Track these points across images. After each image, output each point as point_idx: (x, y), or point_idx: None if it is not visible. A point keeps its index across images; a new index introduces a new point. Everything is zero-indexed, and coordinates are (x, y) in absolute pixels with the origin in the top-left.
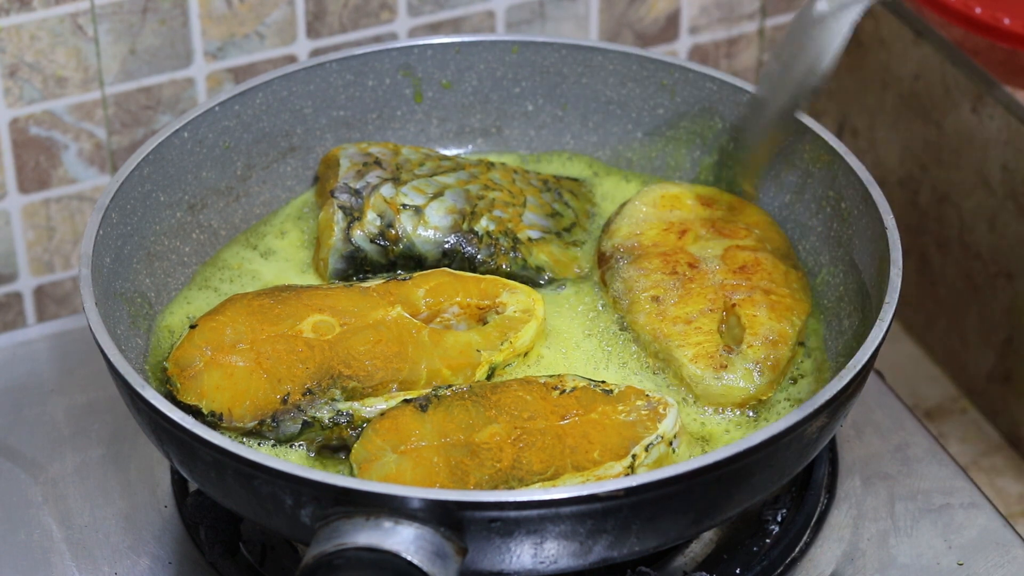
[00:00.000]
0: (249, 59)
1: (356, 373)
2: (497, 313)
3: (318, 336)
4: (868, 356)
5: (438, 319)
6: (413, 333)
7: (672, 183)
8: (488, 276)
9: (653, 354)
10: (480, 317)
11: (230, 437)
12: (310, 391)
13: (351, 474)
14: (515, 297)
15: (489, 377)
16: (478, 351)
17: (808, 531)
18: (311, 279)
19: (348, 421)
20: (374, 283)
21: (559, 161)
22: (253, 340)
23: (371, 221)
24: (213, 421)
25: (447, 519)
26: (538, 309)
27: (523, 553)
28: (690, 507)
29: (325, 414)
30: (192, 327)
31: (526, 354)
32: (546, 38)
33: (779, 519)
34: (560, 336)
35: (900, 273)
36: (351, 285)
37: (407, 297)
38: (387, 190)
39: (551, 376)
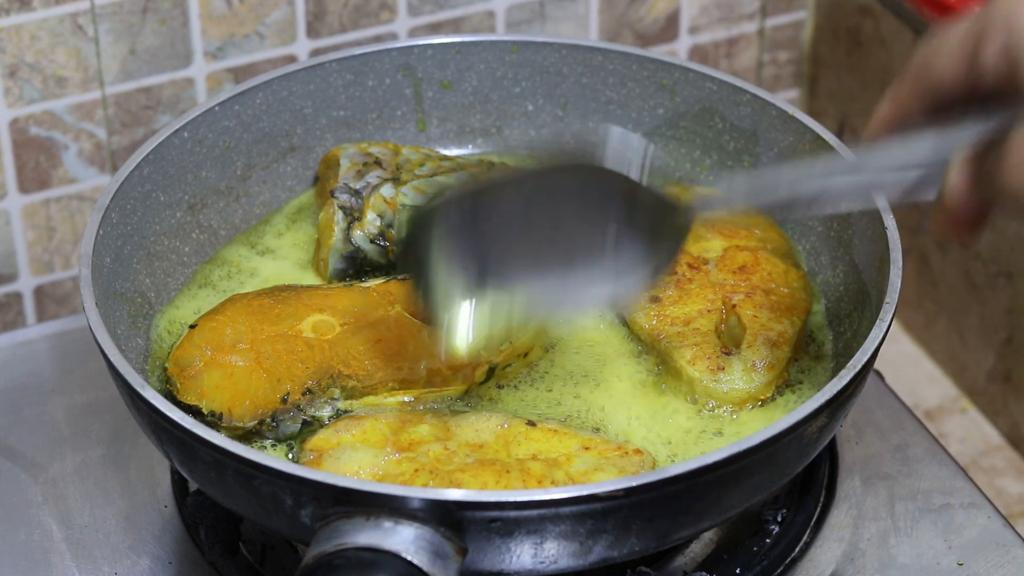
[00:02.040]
0: (249, 59)
1: (356, 372)
2: None
3: (318, 336)
4: (868, 356)
5: None
6: (413, 332)
7: (672, 183)
8: None
9: (653, 355)
10: None
11: (230, 437)
12: (310, 391)
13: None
14: None
15: (489, 377)
16: (478, 351)
17: (808, 531)
18: (310, 278)
19: None
20: (374, 283)
21: None
22: (253, 340)
23: (371, 221)
24: (213, 421)
25: (447, 519)
26: None
27: (523, 553)
28: (690, 507)
29: (325, 413)
30: (192, 327)
31: (526, 354)
32: (546, 38)
33: (779, 519)
34: (560, 336)
35: (900, 273)
36: (351, 285)
37: (407, 297)
38: (387, 190)
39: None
